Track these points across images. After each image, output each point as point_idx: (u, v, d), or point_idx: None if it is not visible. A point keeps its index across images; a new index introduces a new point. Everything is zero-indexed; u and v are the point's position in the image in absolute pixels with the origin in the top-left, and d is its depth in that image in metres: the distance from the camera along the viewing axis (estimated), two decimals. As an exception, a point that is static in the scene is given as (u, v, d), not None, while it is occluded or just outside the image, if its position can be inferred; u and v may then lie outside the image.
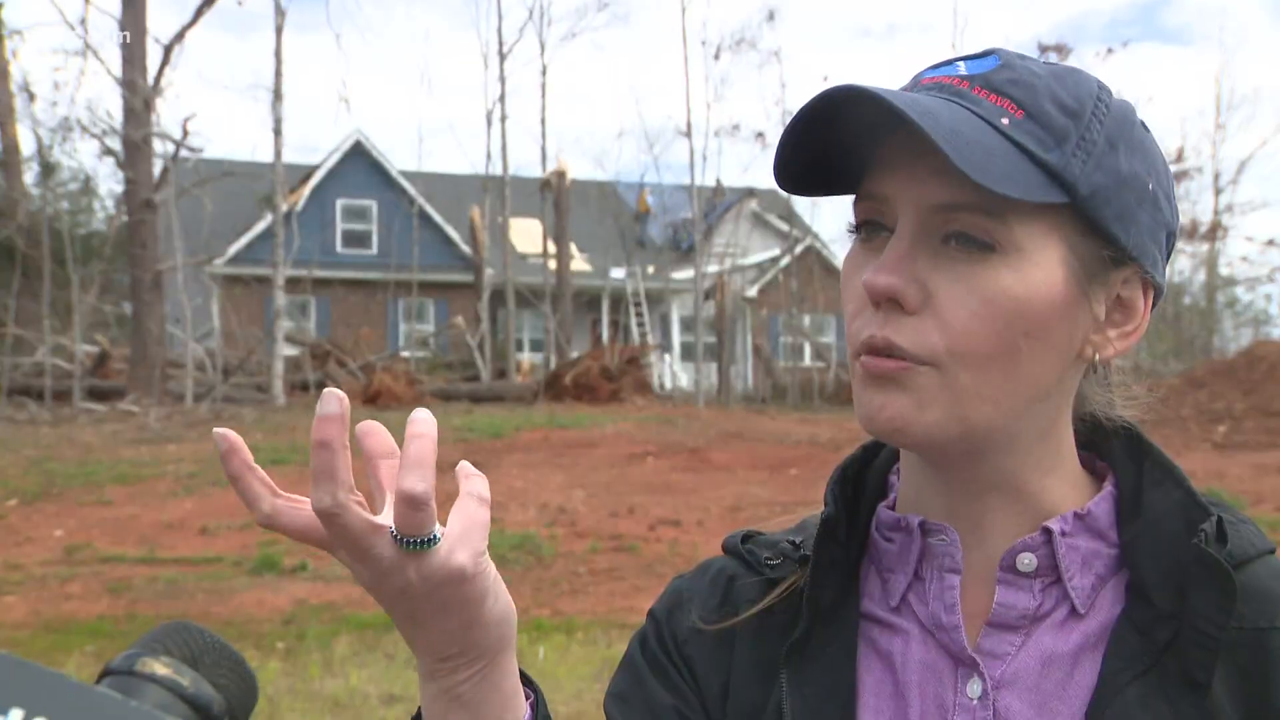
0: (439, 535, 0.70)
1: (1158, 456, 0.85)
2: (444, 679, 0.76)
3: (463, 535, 0.71)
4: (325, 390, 0.69)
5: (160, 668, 0.60)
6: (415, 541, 0.69)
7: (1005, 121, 0.77)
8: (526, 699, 0.80)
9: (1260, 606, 0.79)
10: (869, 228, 0.82)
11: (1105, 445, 0.88)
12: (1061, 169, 0.76)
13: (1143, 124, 0.83)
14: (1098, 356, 0.83)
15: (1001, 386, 0.79)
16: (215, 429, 0.70)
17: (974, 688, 0.82)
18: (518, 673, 0.79)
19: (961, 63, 0.82)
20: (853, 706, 0.84)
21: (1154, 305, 0.84)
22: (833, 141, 0.80)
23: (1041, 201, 0.76)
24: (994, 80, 0.79)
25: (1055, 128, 0.77)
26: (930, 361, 0.78)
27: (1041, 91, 0.78)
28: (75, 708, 0.55)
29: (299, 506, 0.70)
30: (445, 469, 0.62)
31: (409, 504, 0.67)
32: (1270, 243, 36.12)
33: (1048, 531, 0.82)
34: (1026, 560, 0.82)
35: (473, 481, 0.74)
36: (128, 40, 20.11)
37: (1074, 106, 0.78)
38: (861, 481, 0.92)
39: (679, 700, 0.90)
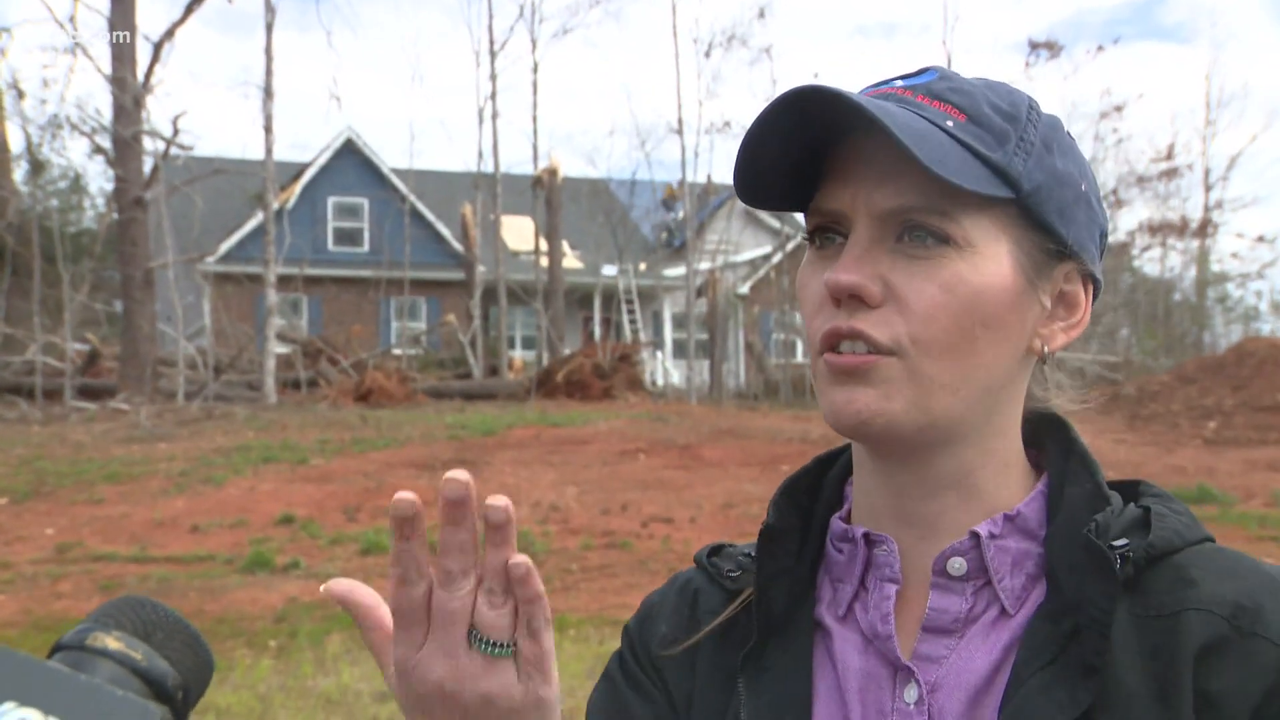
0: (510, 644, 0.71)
1: (1080, 452, 0.87)
2: None
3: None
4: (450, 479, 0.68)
5: (112, 642, 0.60)
6: (495, 645, 0.70)
7: (950, 124, 0.81)
8: None
9: (1176, 594, 0.80)
10: (823, 235, 0.85)
11: (1042, 442, 0.91)
12: (1005, 166, 0.81)
13: (1069, 133, 0.87)
14: (1046, 349, 0.86)
15: (961, 375, 0.82)
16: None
17: (910, 693, 0.84)
18: None
19: (899, 80, 0.86)
20: (808, 713, 0.86)
21: (1094, 299, 0.88)
22: (786, 152, 0.83)
23: (991, 195, 0.80)
24: (935, 89, 0.83)
25: (996, 129, 0.81)
26: (895, 350, 0.81)
27: (980, 98, 0.83)
28: (23, 681, 0.54)
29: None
30: (438, 467, 0.63)
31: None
32: (1260, 239, 36.30)
33: (976, 535, 0.84)
34: (956, 564, 0.84)
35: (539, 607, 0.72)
36: (121, 39, 20.03)
37: (1010, 111, 0.83)
38: (817, 492, 0.94)
39: (655, 709, 0.93)
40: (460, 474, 0.67)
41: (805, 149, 0.84)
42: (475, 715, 0.71)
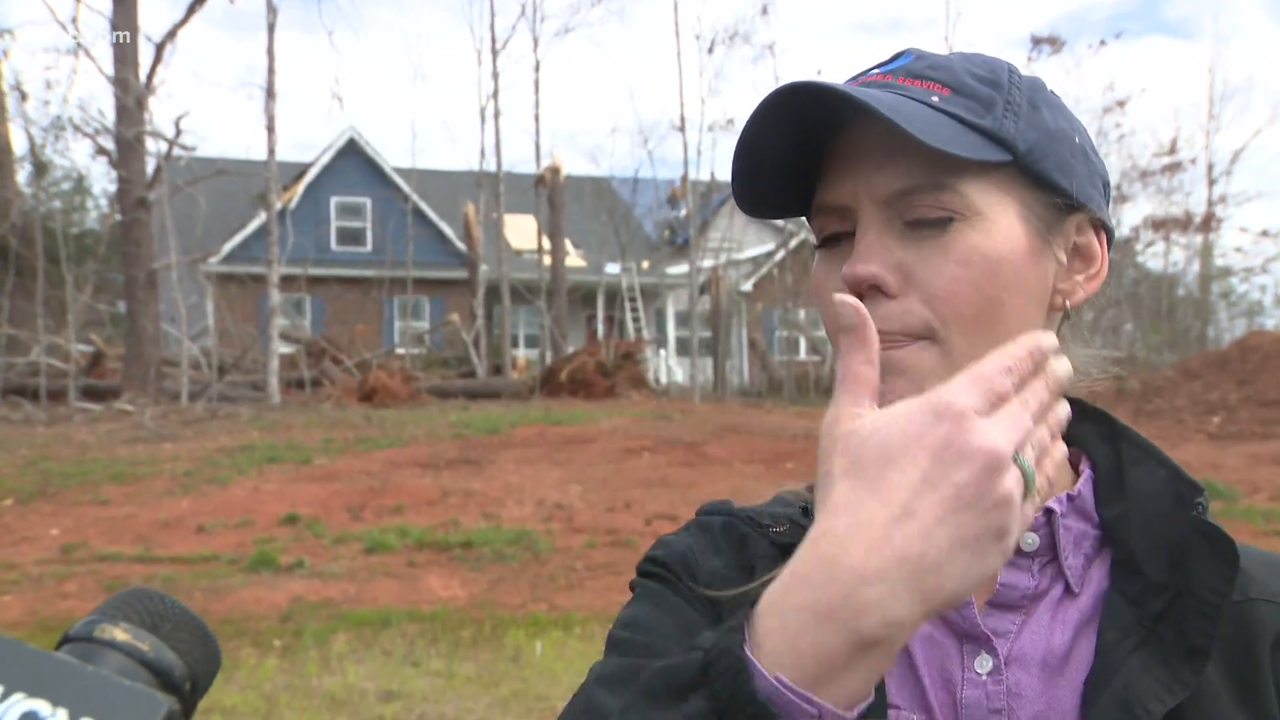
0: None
1: (1134, 438, 0.89)
2: None
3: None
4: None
5: (120, 633, 0.60)
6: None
7: (935, 99, 0.82)
8: None
9: (1239, 583, 0.83)
10: (830, 240, 0.86)
11: (1074, 430, 0.90)
12: (997, 130, 0.81)
13: (1053, 91, 0.88)
14: (1068, 304, 0.87)
15: (994, 345, 0.81)
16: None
17: (983, 664, 0.84)
18: None
19: (876, 69, 0.87)
20: None
21: (1109, 247, 0.89)
22: (780, 155, 0.84)
23: (988, 160, 0.80)
24: (913, 69, 0.85)
25: (981, 97, 0.83)
26: (923, 335, 0.81)
27: (959, 70, 0.84)
28: (31, 673, 0.54)
29: None
30: (442, 466, 0.62)
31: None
32: (1264, 233, 36.18)
33: (1049, 511, 0.85)
34: (1030, 539, 0.85)
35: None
36: (124, 40, 20.04)
37: (991, 78, 0.84)
38: None
39: (708, 623, 0.88)
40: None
41: (798, 150, 0.84)
42: None
